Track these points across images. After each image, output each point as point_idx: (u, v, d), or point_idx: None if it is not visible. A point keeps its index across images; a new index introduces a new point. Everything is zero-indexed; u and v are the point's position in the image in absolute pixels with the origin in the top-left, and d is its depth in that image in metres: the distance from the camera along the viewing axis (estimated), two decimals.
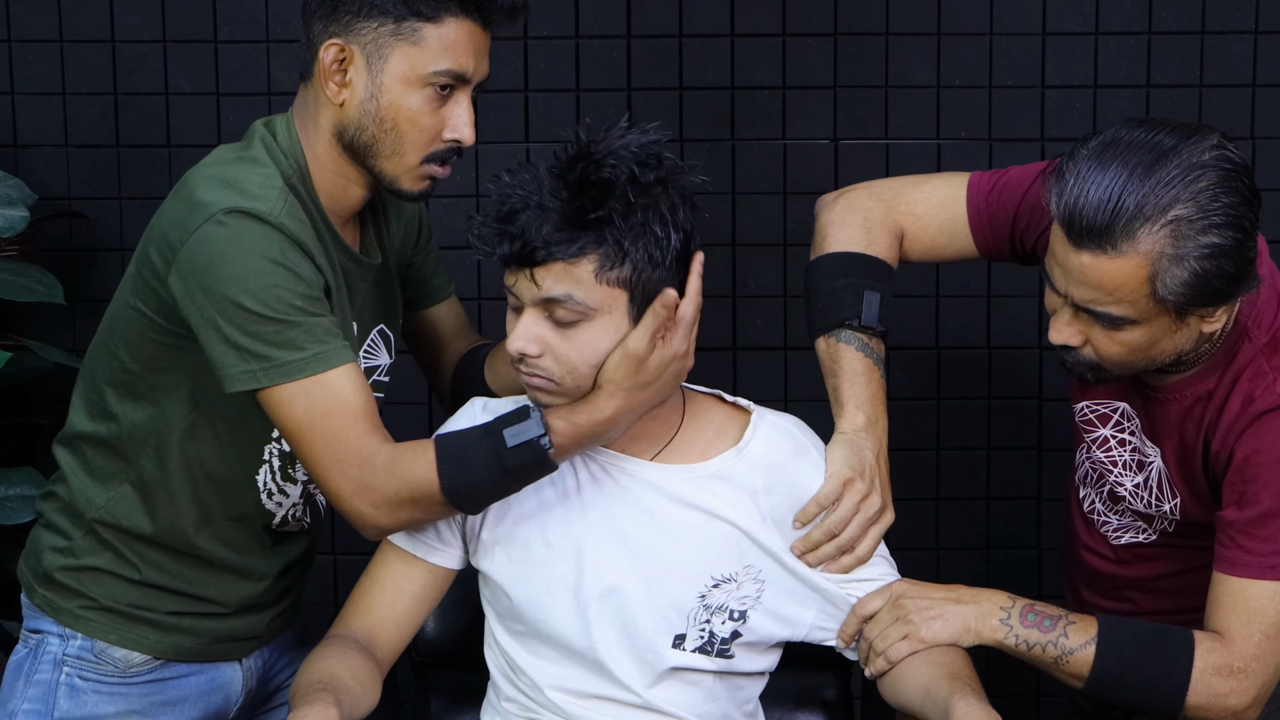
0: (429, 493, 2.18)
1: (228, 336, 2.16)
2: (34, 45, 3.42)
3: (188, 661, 2.43)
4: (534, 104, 3.43)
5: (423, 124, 2.23)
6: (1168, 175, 2.13)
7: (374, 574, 2.38)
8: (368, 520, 2.21)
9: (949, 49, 3.40)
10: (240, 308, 2.15)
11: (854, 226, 2.47)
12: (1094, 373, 2.29)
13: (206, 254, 2.16)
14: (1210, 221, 2.13)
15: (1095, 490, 2.49)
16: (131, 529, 2.37)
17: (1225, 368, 2.30)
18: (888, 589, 2.32)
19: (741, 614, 2.30)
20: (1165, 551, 2.44)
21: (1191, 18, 3.38)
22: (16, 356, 3.23)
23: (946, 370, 3.48)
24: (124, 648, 2.39)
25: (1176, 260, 2.14)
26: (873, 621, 2.31)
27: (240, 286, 2.15)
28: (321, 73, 2.23)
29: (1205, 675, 2.23)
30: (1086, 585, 2.55)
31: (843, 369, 2.39)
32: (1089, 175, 2.15)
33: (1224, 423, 2.28)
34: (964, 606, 2.30)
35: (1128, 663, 2.25)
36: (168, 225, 2.23)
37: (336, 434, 2.17)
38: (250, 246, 2.16)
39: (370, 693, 2.28)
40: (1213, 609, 2.28)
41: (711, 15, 3.41)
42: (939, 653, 2.29)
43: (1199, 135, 2.17)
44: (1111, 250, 2.14)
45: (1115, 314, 2.19)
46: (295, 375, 2.16)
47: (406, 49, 2.21)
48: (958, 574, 2.52)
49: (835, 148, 3.42)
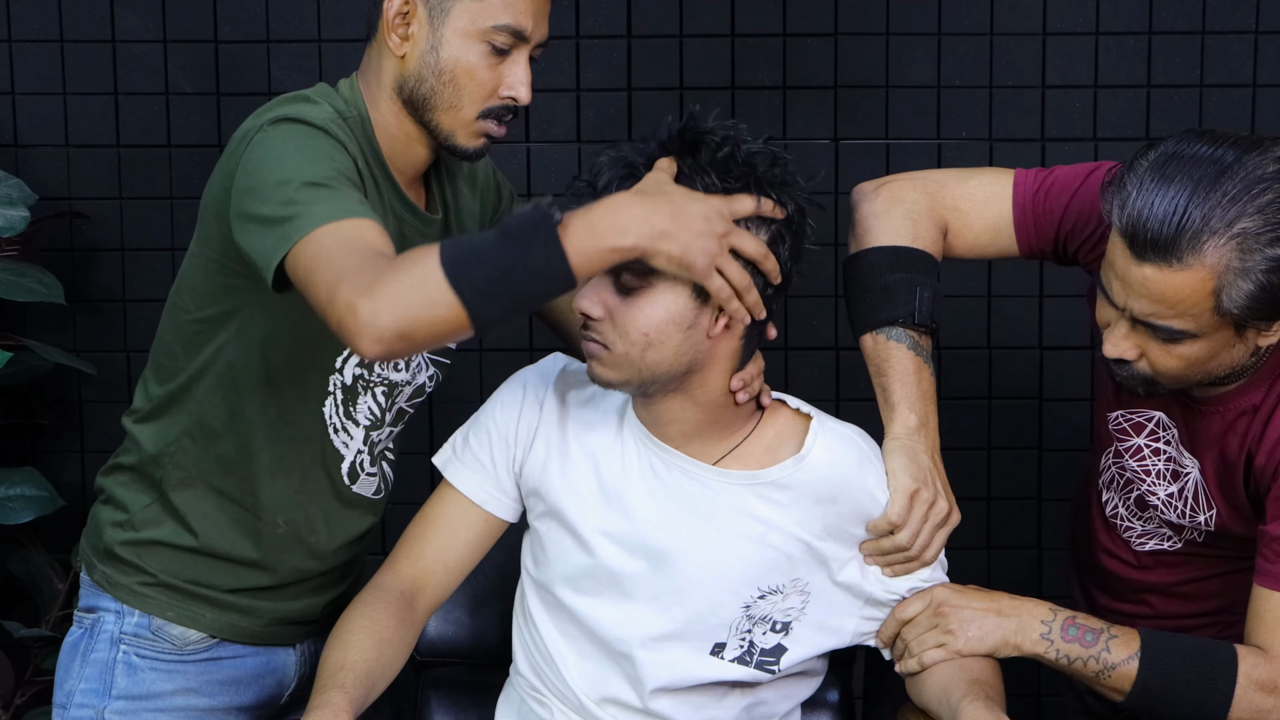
0: (428, 266, 2.03)
1: (261, 216, 2.14)
2: (34, 45, 3.42)
3: (244, 643, 2.44)
4: (534, 104, 3.42)
5: (480, 78, 2.28)
6: (1233, 189, 2.13)
7: (429, 517, 2.37)
8: (366, 315, 2.00)
9: (949, 49, 3.40)
10: (276, 183, 2.14)
11: (899, 219, 2.44)
12: (1146, 386, 2.27)
13: (251, 158, 2.19)
14: (1276, 235, 2.12)
15: (1120, 495, 2.48)
16: (200, 476, 2.37)
17: (1272, 382, 2.29)
18: (929, 593, 2.32)
19: (785, 625, 2.29)
20: (1188, 559, 2.44)
21: (1191, 18, 3.38)
22: (17, 356, 3.24)
23: (947, 370, 3.47)
24: (181, 624, 2.40)
25: (1242, 273, 2.13)
26: (911, 624, 2.30)
27: (275, 167, 2.16)
28: (386, 24, 2.29)
29: (1249, 691, 2.22)
30: (1101, 589, 2.54)
31: (893, 368, 2.37)
32: (1152, 188, 2.14)
33: (1270, 437, 2.27)
34: (1004, 619, 2.29)
35: (1171, 678, 2.23)
36: (223, 162, 2.27)
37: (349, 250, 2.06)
38: (287, 136, 2.20)
39: (396, 661, 2.29)
40: (1254, 624, 2.26)
41: (711, 15, 3.41)
42: (966, 659, 2.29)
43: (1260, 148, 2.16)
44: (1177, 264, 2.13)
45: (1176, 327, 2.17)
46: (323, 221, 2.08)
47: (469, 3, 2.26)
48: (958, 574, 2.51)
49: (835, 148, 3.42)
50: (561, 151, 3.44)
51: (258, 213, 2.15)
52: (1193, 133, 2.20)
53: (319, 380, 2.36)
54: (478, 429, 2.38)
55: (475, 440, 2.37)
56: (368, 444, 2.43)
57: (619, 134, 3.43)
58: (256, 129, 2.23)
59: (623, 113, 3.43)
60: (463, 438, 2.39)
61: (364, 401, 2.39)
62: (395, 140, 2.33)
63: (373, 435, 2.43)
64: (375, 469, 2.46)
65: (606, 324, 2.18)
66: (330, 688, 2.20)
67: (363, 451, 2.43)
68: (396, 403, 2.44)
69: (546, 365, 2.39)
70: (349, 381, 2.37)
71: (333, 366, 2.36)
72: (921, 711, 2.30)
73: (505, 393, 2.39)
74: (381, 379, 2.39)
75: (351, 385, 2.37)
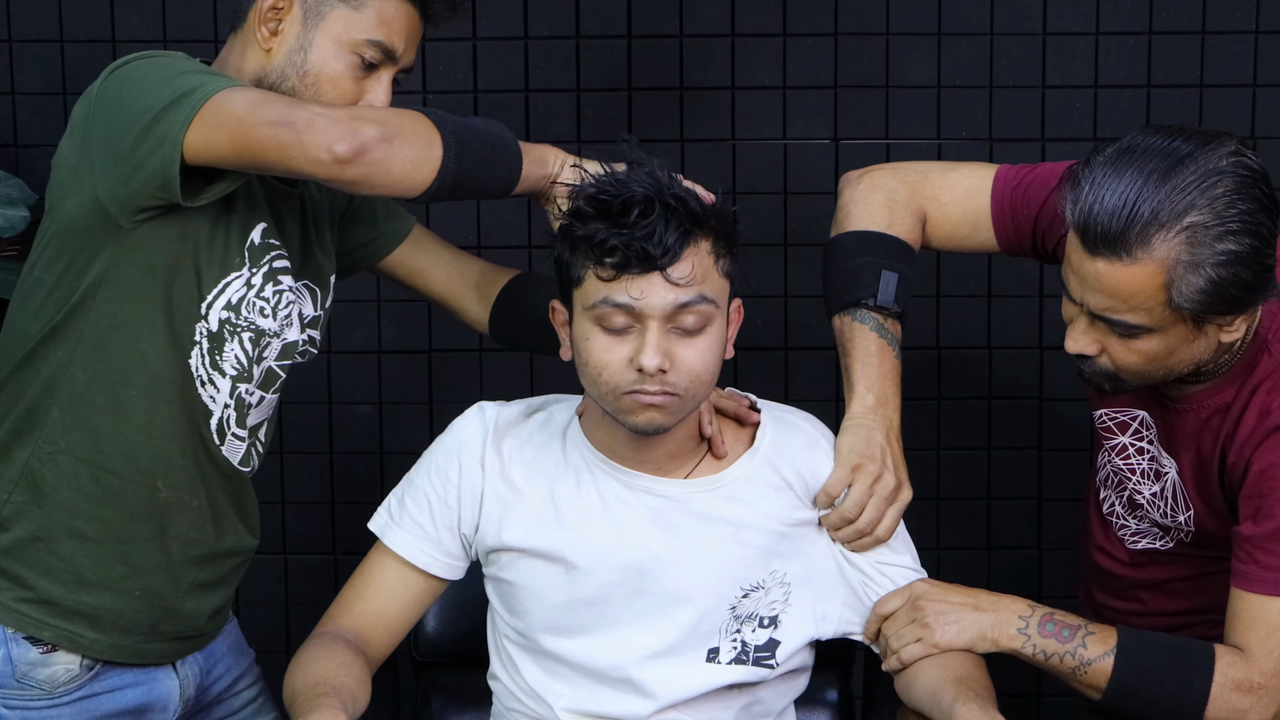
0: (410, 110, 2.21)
1: (151, 114, 2.15)
2: (34, 45, 3.42)
3: (124, 665, 2.36)
4: (534, 104, 3.43)
5: (342, 88, 2.28)
6: (1184, 182, 2.11)
7: (368, 575, 2.37)
8: (345, 122, 2.16)
9: (949, 49, 3.40)
10: (158, 80, 2.16)
11: (876, 205, 2.45)
12: (1111, 383, 2.27)
13: (110, 93, 2.20)
14: (1227, 228, 2.11)
15: (1116, 494, 2.48)
16: (73, 453, 2.29)
17: (1244, 380, 2.28)
18: (908, 588, 2.32)
19: (772, 619, 2.30)
20: (1179, 559, 2.44)
21: (1191, 18, 3.38)
22: None
23: (946, 370, 3.47)
24: (61, 646, 2.30)
25: (1192, 267, 2.11)
26: (890, 620, 2.31)
27: (148, 80, 2.17)
28: (258, 15, 2.28)
29: (1225, 690, 2.22)
30: (1098, 586, 2.55)
31: (856, 349, 2.38)
32: (1104, 182, 2.13)
33: (1240, 435, 2.27)
34: (981, 614, 2.30)
35: (1146, 675, 2.24)
36: (72, 121, 2.25)
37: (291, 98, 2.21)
38: (152, 60, 2.21)
39: (365, 690, 2.27)
40: (1231, 624, 2.26)
41: (711, 15, 3.41)
42: (949, 656, 2.29)
43: (1216, 142, 2.14)
44: (1126, 257, 2.12)
45: (1131, 322, 2.17)
46: (230, 85, 2.17)
47: (346, 12, 2.27)
48: (958, 574, 2.51)
49: (835, 148, 3.42)
50: None
51: (143, 118, 2.14)
52: (1150, 128, 2.19)
53: (185, 329, 2.29)
54: (414, 492, 2.36)
55: (413, 504, 2.35)
56: (234, 398, 2.36)
57: (619, 134, 3.42)
58: (106, 73, 2.22)
59: (623, 113, 3.43)
60: (398, 501, 2.37)
61: (230, 348, 2.32)
62: None
63: (240, 389, 2.35)
64: (244, 433, 2.38)
65: (673, 372, 2.17)
66: (318, 694, 2.18)
67: (229, 406, 2.35)
68: (265, 358, 2.37)
69: (474, 421, 2.37)
70: (214, 328, 2.30)
71: (199, 314, 2.29)
72: (918, 714, 2.30)
73: (440, 456, 2.36)
74: (249, 324, 2.33)
75: (218, 331, 2.31)
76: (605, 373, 2.19)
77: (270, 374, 2.40)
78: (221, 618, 2.47)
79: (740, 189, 3.43)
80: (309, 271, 2.43)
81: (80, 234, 2.24)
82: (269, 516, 3.49)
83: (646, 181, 2.17)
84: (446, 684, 2.66)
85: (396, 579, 2.35)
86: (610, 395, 2.20)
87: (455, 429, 2.37)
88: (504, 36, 3.42)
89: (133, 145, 2.16)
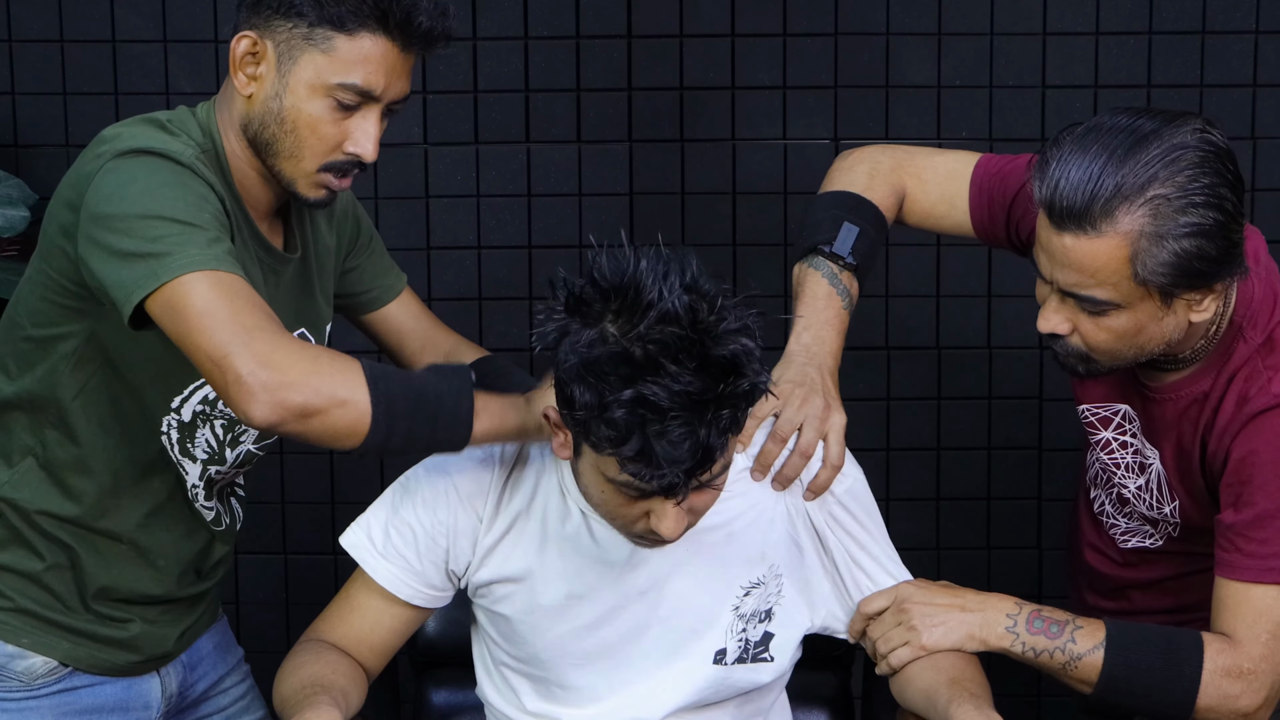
0: (350, 363, 2.05)
1: (123, 250, 2.06)
2: (34, 45, 3.42)
3: (101, 674, 2.34)
4: (534, 104, 3.43)
5: (322, 132, 2.18)
6: (1148, 156, 2.14)
7: (353, 599, 2.31)
8: (271, 385, 2.01)
9: (949, 49, 3.40)
10: (143, 217, 2.06)
11: (859, 174, 2.49)
12: (1084, 364, 2.28)
13: (109, 188, 2.10)
14: (1190, 201, 2.13)
15: (1105, 492, 2.49)
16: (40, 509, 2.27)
17: (1221, 368, 2.29)
18: (894, 590, 2.32)
19: (767, 613, 2.29)
20: (1169, 556, 2.44)
21: (1191, 18, 3.38)
22: None
23: (946, 370, 3.48)
24: (38, 653, 2.29)
25: (1156, 239, 2.13)
26: (876, 622, 2.31)
27: (146, 200, 2.07)
28: (234, 62, 2.20)
29: (1215, 677, 2.23)
30: (1089, 587, 2.55)
31: (804, 292, 2.39)
32: (1070, 159, 2.16)
33: (1219, 424, 2.28)
34: (969, 614, 2.30)
35: (1137, 667, 2.24)
36: (68, 179, 2.18)
37: (245, 309, 2.02)
38: (157, 171, 2.11)
39: (357, 689, 2.25)
40: (1218, 612, 2.27)
41: (711, 15, 3.41)
42: (941, 657, 2.29)
43: (1181, 120, 2.17)
44: (1091, 230, 2.14)
45: (1099, 297, 2.18)
46: (199, 267, 2.03)
47: (316, 56, 2.15)
48: (958, 574, 2.51)
49: (835, 148, 3.42)
50: (561, 151, 3.44)
51: (117, 245, 2.07)
52: (1117, 108, 2.22)
53: (152, 421, 2.26)
54: (399, 524, 2.27)
55: (398, 536, 2.27)
56: (204, 479, 2.33)
57: (619, 134, 3.43)
58: (111, 154, 2.12)
59: (623, 113, 3.43)
60: (381, 530, 2.28)
61: (201, 434, 2.29)
62: (247, 176, 2.24)
63: (210, 470, 2.33)
64: (212, 503, 2.37)
65: (690, 517, 2.12)
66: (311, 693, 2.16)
67: (198, 487, 2.33)
68: (241, 442, 2.34)
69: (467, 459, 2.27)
70: (186, 419, 2.28)
71: (168, 408, 2.26)
72: (916, 717, 2.30)
73: (428, 491, 2.27)
74: (222, 413, 2.29)
75: (190, 422, 2.28)
76: (616, 520, 2.13)
77: (247, 456, 2.36)
78: (191, 635, 2.43)
79: (740, 189, 3.44)
80: (304, 321, 2.37)
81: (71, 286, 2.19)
82: (269, 516, 3.51)
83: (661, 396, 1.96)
84: (446, 684, 2.66)
85: (382, 608, 2.30)
86: (617, 528, 2.15)
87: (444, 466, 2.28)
88: (504, 36, 3.42)
89: (102, 263, 2.09)
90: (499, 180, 3.44)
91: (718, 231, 3.43)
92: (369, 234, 2.51)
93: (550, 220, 3.45)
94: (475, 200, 3.43)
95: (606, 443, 1.99)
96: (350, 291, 2.50)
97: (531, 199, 3.45)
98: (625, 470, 2.01)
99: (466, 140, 3.43)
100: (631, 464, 1.99)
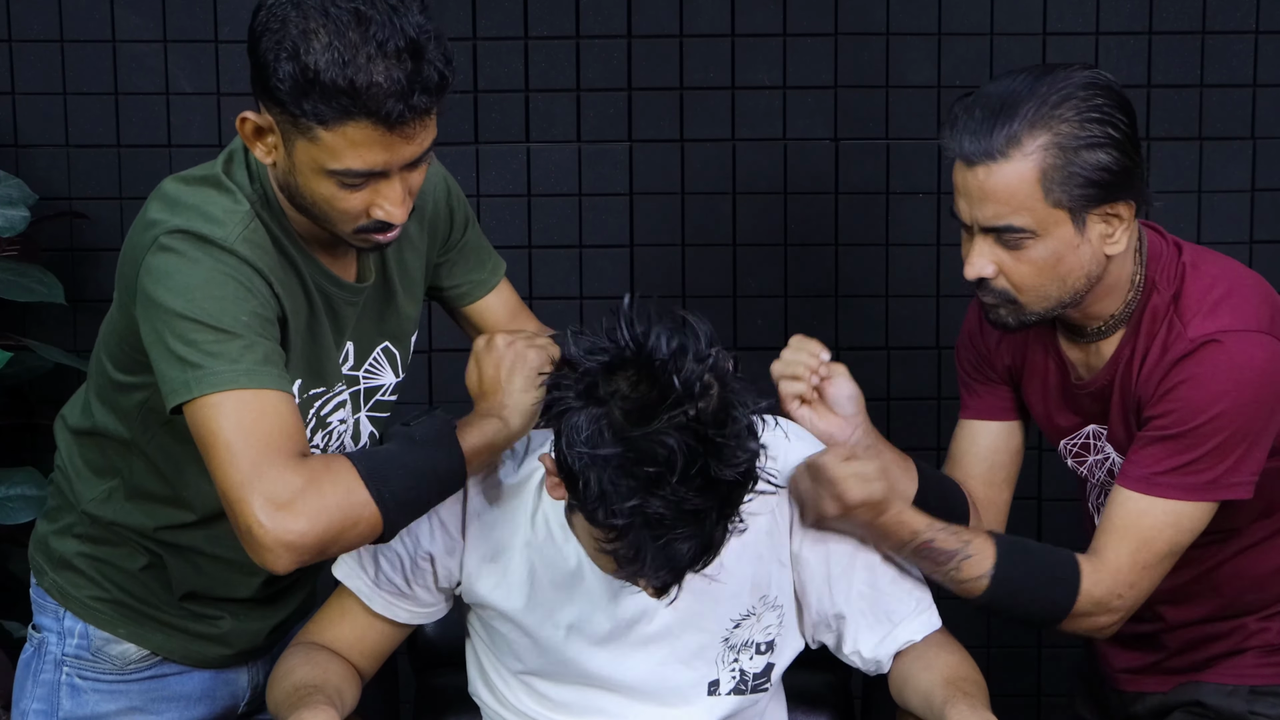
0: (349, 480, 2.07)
1: (170, 348, 2.09)
2: (34, 45, 3.42)
3: (192, 665, 2.42)
4: (534, 104, 3.43)
5: (342, 207, 2.13)
6: (1044, 89, 2.29)
7: (345, 607, 2.32)
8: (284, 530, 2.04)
9: (949, 49, 3.41)
10: (183, 317, 2.08)
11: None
12: (1014, 313, 2.36)
13: (156, 274, 2.11)
14: (1088, 118, 2.28)
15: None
16: (129, 525, 2.35)
17: (1136, 327, 2.38)
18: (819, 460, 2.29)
19: (769, 644, 2.28)
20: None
21: (1191, 18, 3.39)
22: (17, 356, 3.24)
23: (946, 370, 3.47)
24: (132, 642, 2.38)
25: (1060, 154, 2.26)
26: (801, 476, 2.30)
27: (185, 298, 2.08)
28: (246, 139, 2.16)
29: (1085, 605, 2.33)
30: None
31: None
32: (974, 105, 2.32)
33: (1144, 372, 2.36)
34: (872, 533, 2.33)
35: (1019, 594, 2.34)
36: (129, 245, 2.19)
37: (262, 438, 2.06)
38: (199, 261, 2.10)
39: (351, 688, 2.26)
40: (1102, 524, 2.37)
41: (711, 15, 3.41)
42: (938, 657, 2.29)
43: (1077, 65, 2.34)
44: (1000, 157, 2.27)
45: (1017, 225, 2.29)
46: (228, 385, 2.06)
47: (306, 144, 2.09)
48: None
49: (835, 148, 3.42)
50: (561, 151, 3.44)
51: (160, 336, 2.10)
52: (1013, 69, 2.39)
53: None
54: (388, 553, 2.27)
55: (388, 565, 2.28)
56: None
57: (619, 134, 3.43)
58: (154, 240, 2.13)
59: (623, 113, 3.43)
60: (371, 559, 2.28)
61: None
62: (299, 220, 2.21)
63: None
64: None
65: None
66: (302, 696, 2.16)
67: None
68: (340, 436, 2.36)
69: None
70: None
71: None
72: (914, 718, 2.30)
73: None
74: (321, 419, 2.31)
75: None
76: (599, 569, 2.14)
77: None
78: (282, 631, 2.47)
79: (740, 189, 3.44)
80: (386, 335, 2.37)
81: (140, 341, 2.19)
82: None
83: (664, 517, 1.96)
84: (446, 684, 2.66)
85: (368, 624, 2.31)
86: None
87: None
88: (504, 36, 3.42)
89: (150, 345, 2.13)
90: (499, 180, 3.44)
91: (718, 231, 3.43)
92: (462, 229, 2.46)
93: (550, 220, 3.45)
94: (475, 200, 3.43)
95: (602, 529, 2.01)
96: (439, 285, 2.49)
97: (531, 199, 3.45)
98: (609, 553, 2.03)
99: (466, 140, 3.43)
100: (626, 567, 2.02)
